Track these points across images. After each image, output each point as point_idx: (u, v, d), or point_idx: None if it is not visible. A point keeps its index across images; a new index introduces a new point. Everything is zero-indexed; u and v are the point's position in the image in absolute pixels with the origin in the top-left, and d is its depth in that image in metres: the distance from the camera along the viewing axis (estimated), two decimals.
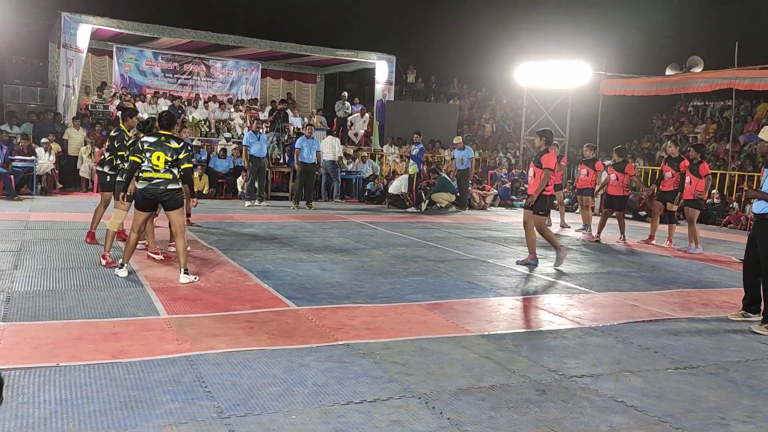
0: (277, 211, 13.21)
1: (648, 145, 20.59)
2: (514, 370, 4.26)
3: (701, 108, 21.91)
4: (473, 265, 8.08)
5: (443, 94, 24.90)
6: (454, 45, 26.17)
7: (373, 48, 20.70)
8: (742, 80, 16.43)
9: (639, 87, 19.75)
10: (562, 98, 20.09)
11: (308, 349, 4.44)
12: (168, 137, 6.38)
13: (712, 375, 4.39)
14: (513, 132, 22.95)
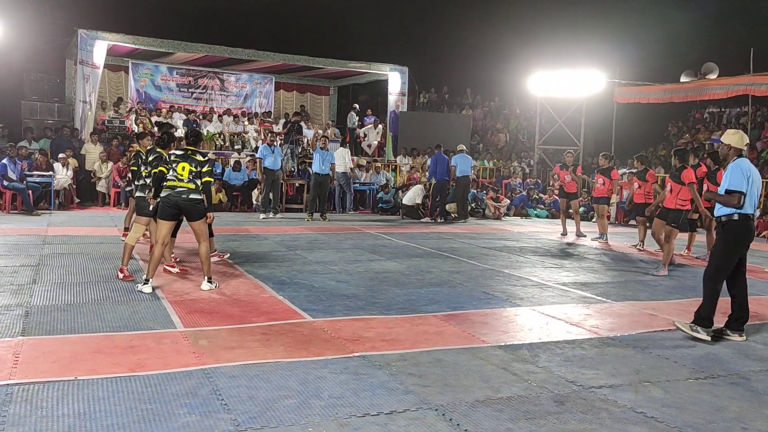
0: (292, 223, 13.25)
1: (664, 153, 20.41)
2: (532, 381, 4.22)
3: (717, 115, 21.74)
4: (488, 276, 8.04)
5: (456, 104, 24.92)
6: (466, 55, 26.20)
7: (385, 59, 20.79)
8: (758, 86, 16.30)
9: (653, 94, 19.64)
10: (575, 107, 20.03)
11: (324, 361, 4.44)
12: (194, 152, 6.62)
13: (733, 385, 4.33)
14: (527, 141, 22.89)
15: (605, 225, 12.05)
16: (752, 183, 5.38)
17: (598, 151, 20.95)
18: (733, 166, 5.44)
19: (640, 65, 21.34)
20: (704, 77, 18.56)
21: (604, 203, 12.04)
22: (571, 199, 12.82)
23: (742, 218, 5.40)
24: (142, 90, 20.56)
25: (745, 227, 5.43)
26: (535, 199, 17.91)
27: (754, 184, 5.42)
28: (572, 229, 12.76)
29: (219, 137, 18.53)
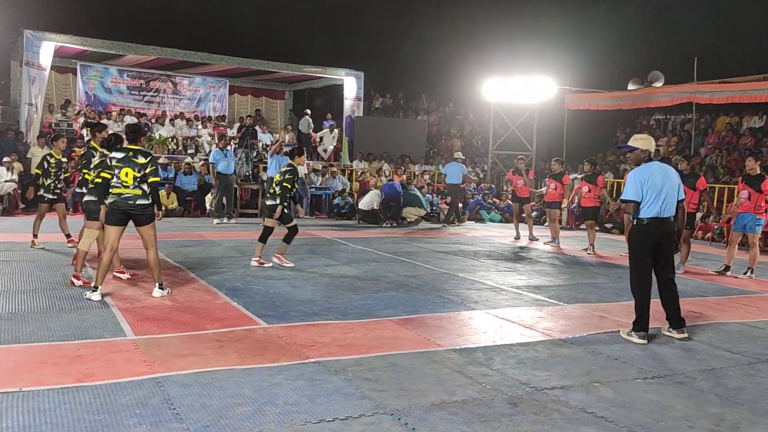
0: (247, 228, 13.10)
1: (613, 158, 20.96)
2: (486, 384, 4.27)
3: (663, 121, 22.42)
4: (444, 279, 8.10)
5: (411, 109, 25.08)
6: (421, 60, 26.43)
7: (341, 64, 20.79)
8: (701, 94, 16.88)
9: (603, 101, 20.14)
10: (528, 113, 20.38)
11: (279, 368, 4.40)
12: (135, 152, 6.31)
13: (679, 384, 4.46)
14: (481, 146, 23.18)
15: (557, 229, 12.30)
16: (653, 187, 5.43)
17: (551, 157, 21.36)
18: (629, 176, 5.61)
19: (589, 73, 21.87)
20: (650, 85, 19.14)
21: (556, 208, 12.28)
22: (524, 204, 13.04)
23: (638, 224, 5.54)
24: (91, 92, 20.05)
25: (641, 232, 5.54)
26: (489, 203, 18.13)
27: (663, 187, 5.45)
28: (525, 233, 12.98)
29: (172, 141, 18.21)
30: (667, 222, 5.52)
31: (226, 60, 19.31)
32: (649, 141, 5.72)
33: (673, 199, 5.54)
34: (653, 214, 5.47)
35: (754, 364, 5.00)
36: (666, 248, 5.57)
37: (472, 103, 23.74)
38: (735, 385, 4.47)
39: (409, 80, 26.45)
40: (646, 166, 5.60)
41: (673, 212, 5.55)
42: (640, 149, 5.64)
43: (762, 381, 4.59)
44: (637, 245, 5.63)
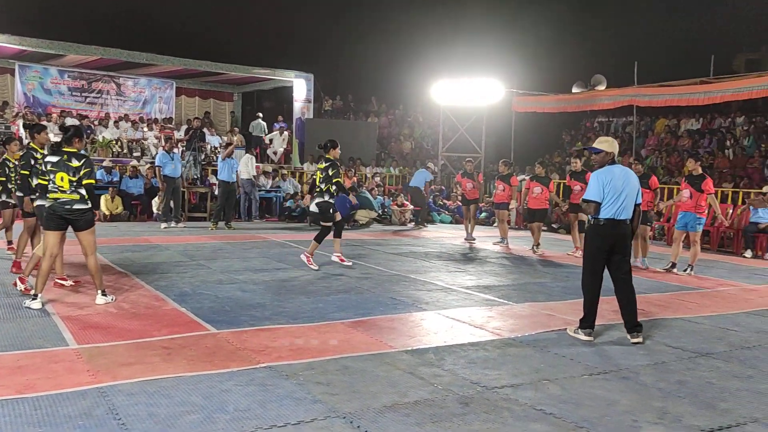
0: (195, 232, 12.88)
1: (559, 160, 21.42)
2: (438, 384, 4.30)
3: (606, 124, 23.05)
4: (395, 281, 8.13)
5: (362, 111, 25.10)
6: (371, 63, 26.47)
7: (290, 66, 20.65)
8: (641, 97, 17.42)
9: (549, 104, 20.58)
10: (477, 115, 20.65)
11: (229, 374, 4.33)
12: (70, 155, 6.10)
13: (624, 379, 4.58)
14: (431, 148, 23.36)
15: (506, 229, 12.49)
16: (614, 189, 5.53)
17: (499, 158, 21.67)
18: (592, 176, 5.73)
19: (536, 76, 22.32)
20: (593, 88, 19.66)
21: (505, 208, 12.47)
22: (472, 205, 13.19)
23: (595, 224, 5.64)
24: (30, 94, 19.37)
25: (597, 232, 5.64)
26: (440, 205, 18.29)
27: (623, 190, 5.55)
28: (474, 233, 13.11)
29: (116, 144, 17.74)
30: (622, 224, 5.60)
31: (173, 61, 18.92)
32: (613, 144, 5.84)
33: (631, 201, 5.63)
34: (610, 215, 5.56)
35: (694, 358, 5.18)
36: (621, 250, 5.63)
37: (422, 105, 23.92)
38: (677, 379, 4.62)
39: (359, 82, 26.48)
40: (609, 168, 5.71)
41: (629, 215, 5.63)
42: (605, 152, 5.76)
43: (702, 374, 4.76)
44: (592, 245, 5.73)
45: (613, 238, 5.60)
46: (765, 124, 18.07)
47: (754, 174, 15.93)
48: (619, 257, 5.63)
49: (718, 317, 6.71)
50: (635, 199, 5.67)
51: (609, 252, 5.62)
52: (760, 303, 7.58)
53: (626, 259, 5.67)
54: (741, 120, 18.84)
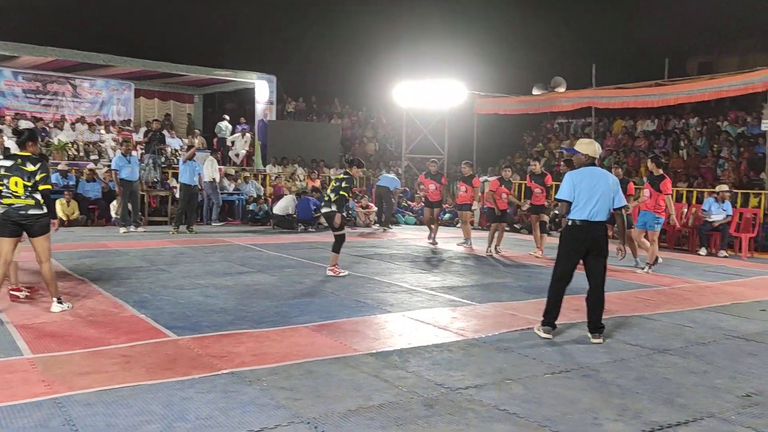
0: (156, 236, 12.65)
1: (521, 161, 21.66)
2: (402, 387, 4.30)
3: (565, 125, 23.42)
4: (360, 283, 8.12)
5: (325, 113, 25.02)
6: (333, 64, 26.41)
7: (252, 67, 20.47)
8: (599, 99, 17.74)
9: (510, 106, 20.81)
10: (439, 117, 20.76)
11: (190, 381, 4.26)
12: (24, 159, 5.94)
13: (585, 377, 4.66)
14: (395, 150, 23.42)
15: (469, 230, 12.57)
16: (586, 190, 5.60)
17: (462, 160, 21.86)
18: (565, 176, 5.82)
19: (497, 78, 22.55)
20: (553, 90, 19.94)
21: (468, 209, 12.55)
22: (435, 207, 13.21)
23: (571, 224, 5.70)
24: None
25: (571, 233, 5.72)
26: (404, 206, 18.34)
27: (596, 191, 5.60)
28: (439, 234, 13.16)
29: (72, 147, 17.33)
30: (596, 226, 5.62)
31: (131, 62, 18.57)
32: (590, 146, 5.90)
33: (605, 204, 5.62)
34: (583, 216, 5.61)
35: (652, 354, 5.29)
36: (596, 252, 5.66)
37: (385, 107, 23.96)
38: (636, 376, 4.71)
39: (321, 84, 26.39)
40: (584, 169, 5.77)
41: (605, 217, 5.64)
42: (582, 153, 5.84)
43: (659, 370, 4.86)
44: (565, 245, 5.78)
45: (588, 240, 5.65)
46: (717, 125, 18.57)
47: (707, 174, 16.36)
48: (594, 259, 5.68)
49: (674, 314, 6.87)
50: (612, 202, 5.68)
51: (584, 253, 5.68)
52: (715, 300, 7.78)
53: (602, 261, 5.70)
54: (694, 121, 19.33)
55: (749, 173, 15.72)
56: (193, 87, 22.79)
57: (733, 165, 16.08)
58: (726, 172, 15.98)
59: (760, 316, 6.88)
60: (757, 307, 7.36)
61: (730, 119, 18.37)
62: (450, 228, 16.31)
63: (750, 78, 14.41)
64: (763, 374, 4.82)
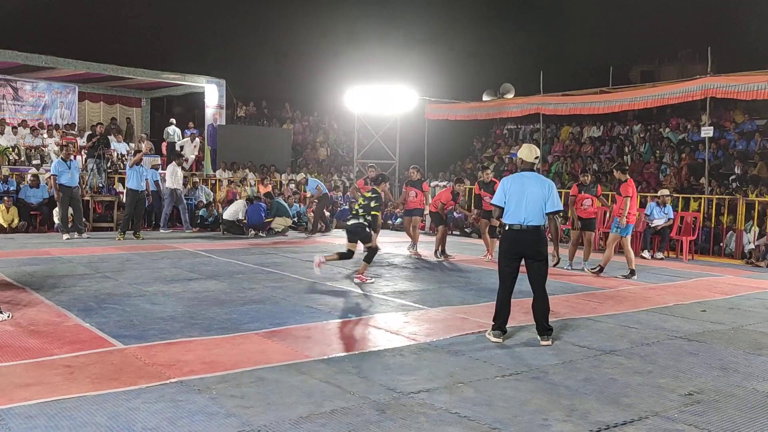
0: (101, 242, 12.31)
1: (470, 166, 21.93)
2: (354, 392, 4.28)
3: (514, 131, 23.82)
4: (312, 289, 8.07)
5: (276, 118, 24.84)
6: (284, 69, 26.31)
7: (201, 71, 20.17)
8: (547, 105, 18.13)
9: (460, 112, 21.07)
10: (391, 122, 20.85)
11: (137, 391, 4.15)
12: None
13: (535, 379, 4.73)
14: (346, 155, 23.40)
15: (417, 235, 12.60)
16: (516, 195, 5.70)
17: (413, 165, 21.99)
18: (500, 182, 5.96)
19: (448, 84, 22.82)
20: (502, 96, 20.28)
21: (418, 215, 12.58)
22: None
23: (508, 229, 5.80)
24: None
25: (505, 238, 5.82)
26: None
27: (526, 196, 5.68)
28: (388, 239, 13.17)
29: (13, 151, 16.73)
30: (529, 231, 5.69)
31: (74, 64, 18.07)
32: (525, 150, 5.99)
33: (536, 209, 5.69)
34: (515, 221, 5.71)
35: (599, 355, 5.41)
36: (533, 255, 5.73)
37: (336, 112, 23.94)
38: (583, 377, 4.81)
39: (272, 89, 26.22)
40: (517, 174, 5.90)
41: (539, 222, 5.72)
42: (519, 158, 5.98)
43: (606, 371, 4.98)
44: (502, 250, 5.89)
45: (522, 244, 5.74)
46: (659, 131, 19.20)
47: (651, 178, 16.89)
48: (532, 262, 5.77)
49: (620, 316, 7.06)
50: (544, 207, 5.76)
51: (521, 257, 5.77)
52: (658, 301, 8.03)
53: (539, 264, 5.78)
54: (638, 128, 19.94)
55: (690, 178, 16.30)
56: (141, 90, 22.33)
57: (674, 170, 16.64)
58: (668, 177, 16.53)
59: (701, 317, 7.13)
60: (698, 308, 7.63)
61: (671, 126, 19.02)
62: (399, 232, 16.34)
63: (689, 86, 14.97)
64: (704, 373, 5.00)
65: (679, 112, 19.64)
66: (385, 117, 20.86)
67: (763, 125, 17.08)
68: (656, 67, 31.14)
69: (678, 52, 29.96)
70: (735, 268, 11.66)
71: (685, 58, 29.32)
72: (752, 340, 6.11)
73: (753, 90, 13.67)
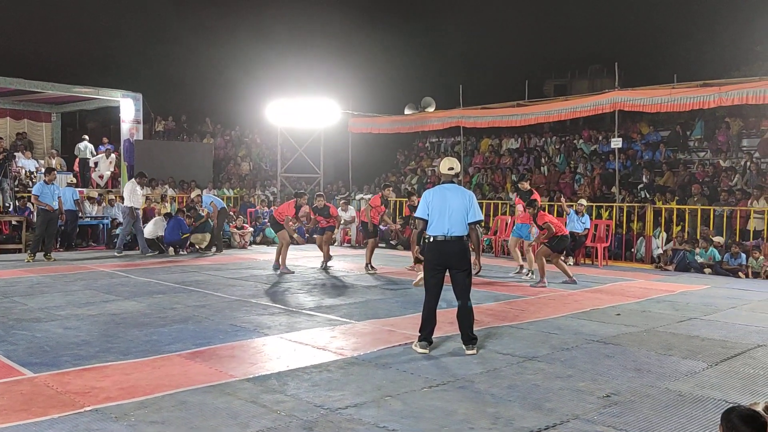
0: (8, 265, 11.64)
1: (394, 179, 22.13)
2: (281, 411, 4.21)
3: (436, 144, 24.22)
4: (236, 307, 7.90)
5: (196, 132, 24.27)
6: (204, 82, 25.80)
7: (116, 85, 19.48)
8: (467, 119, 18.56)
9: (383, 125, 21.27)
10: (314, 136, 20.79)
11: (48, 422, 3.93)
12: None
13: (461, 389, 4.79)
14: (270, 169, 23.13)
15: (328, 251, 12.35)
16: (438, 207, 5.80)
17: (337, 179, 22.01)
18: (423, 195, 6.08)
19: (370, 98, 23.01)
20: (424, 110, 20.61)
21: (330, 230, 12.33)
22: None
23: (430, 242, 5.87)
24: None
25: (429, 249, 5.90)
26: None
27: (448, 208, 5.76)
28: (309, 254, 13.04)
29: None
30: (453, 242, 5.77)
31: None
32: (444, 163, 6.12)
33: (459, 220, 5.78)
34: (439, 233, 5.79)
35: (521, 362, 5.54)
36: (457, 265, 5.80)
37: (259, 126, 23.63)
38: (507, 384, 4.91)
39: (192, 103, 25.62)
40: (438, 187, 6.01)
41: (462, 233, 5.80)
42: (439, 171, 6.12)
43: (529, 377, 5.10)
44: (426, 261, 5.96)
45: (446, 255, 5.82)
46: (573, 143, 19.98)
47: (566, 188, 17.53)
48: (457, 273, 5.85)
49: (541, 322, 7.26)
50: (466, 218, 5.84)
51: (445, 267, 5.85)
52: (577, 306, 8.32)
53: (463, 274, 5.85)
54: (553, 140, 20.69)
55: (602, 187, 17.02)
56: (51, 105, 21.31)
57: (588, 180, 17.33)
58: (582, 186, 17.20)
59: (616, 320, 7.43)
60: (613, 312, 7.95)
61: (584, 137, 19.83)
62: None
63: (599, 99, 15.69)
64: (620, 375, 5.20)
65: (590, 125, 20.52)
66: (309, 130, 20.78)
67: (666, 136, 18.07)
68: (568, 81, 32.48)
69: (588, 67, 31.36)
70: (645, 273, 12.25)
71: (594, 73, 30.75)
72: (663, 341, 6.42)
73: (657, 103, 14.48)
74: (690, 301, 8.85)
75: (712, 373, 5.32)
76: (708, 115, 17.60)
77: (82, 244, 15.40)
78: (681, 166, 16.48)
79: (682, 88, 14.28)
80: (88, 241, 15.73)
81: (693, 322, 7.43)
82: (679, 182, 15.71)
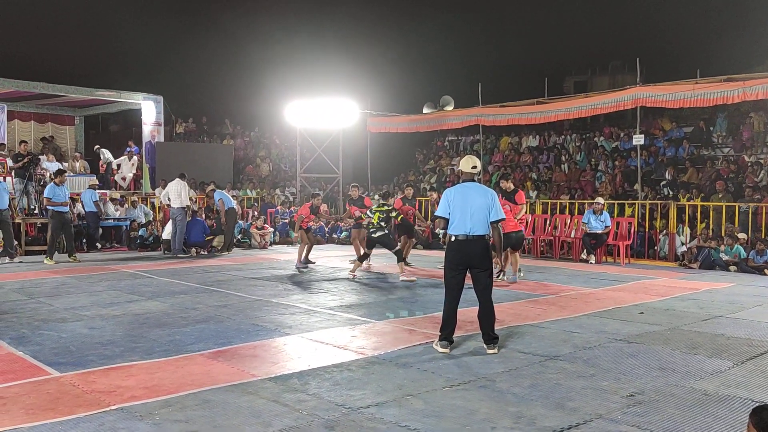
0: (34, 267, 11.83)
1: (413, 178, 22.11)
2: (303, 410, 4.23)
3: (455, 142, 24.15)
4: (257, 307, 7.95)
5: (216, 134, 24.47)
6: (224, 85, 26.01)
7: (138, 88, 19.72)
8: (486, 117, 18.49)
9: (402, 124, 21.26)
10: (333, 136, 20.85)
11: (75, 420, 3.99)
12: None
13: (482, 388, 4.78)
14: (289, 170, 23.24)
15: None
16: (458, 206, 5.79)
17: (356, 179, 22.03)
18: (443, 193, 6.06)
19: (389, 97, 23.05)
20: (442, 109, 20.58)
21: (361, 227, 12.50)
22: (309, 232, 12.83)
23: (451, 241, 5.88)
24: None
25: (451, 248, 5.89)
26: None
27: (470, 206, 5.76)
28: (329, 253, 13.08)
29: None
30: (475, 241, 5.76)
31: (2, 83, 17.38)
32: (465, 162, 6.10)
33: (481, 219, 5.77)
34: (461, 232, 5.78)
35: (543, 361, 5.51)
36: (478, 264, 5.79)
37: (278, 127, 23.77)
38: (529, 383, 4.89)
39: (212, 104, 25.86)
40: (459, 185, 5.98)
41: (484, 231, 5.79)
42: (460, 170, 6.09)
43: (551, 377, 5.07)
44: (448, 260, 5.92)
45: (467, 254, 5.80)
46: (593, 140, 19.81)
47: (587, 186, 17.40)
48: (478, 272, 5.83)
49: (562, 321, 7.21)
50: (490, 216, 5.84)
51: (466, 267, 5.83)
52: (598, 305, 8.24)
53: (485, 274, 5.84)
54: (573, 137, 20.53)
55: (624, 185, 16.86)
56: (74, 108, 21.65)
57: (609, 177, 17.18)
58: (603, 184, 17.06)
59: (639, 319, 7.36)
60: (636, 311, 7.87)
61: (605, 135, 19.65)
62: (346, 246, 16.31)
63: (620, 96, 15.54)
64: (644, 374, 5.15)
65: (611, 121, 20.33)
66: (328, 131, 20.84)
67: (690, 132, 17.84)
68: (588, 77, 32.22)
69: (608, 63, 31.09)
70: (669, 271, 12.11)
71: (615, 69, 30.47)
72: (688, 339, 6.34)
73: (679, 98, 14.30)
74: (715, 299, 8.73)
75: (738, 371, 5.25)
76: (732, 111, 17.35)
77: (106, 245, 15.62)
78: (707, 162, 16.25)
79: (705, 83, 14.07)
80: (111, 242, 15.93)
81: (718, 320, 7.33)
82: (703, 179, 15.50)
